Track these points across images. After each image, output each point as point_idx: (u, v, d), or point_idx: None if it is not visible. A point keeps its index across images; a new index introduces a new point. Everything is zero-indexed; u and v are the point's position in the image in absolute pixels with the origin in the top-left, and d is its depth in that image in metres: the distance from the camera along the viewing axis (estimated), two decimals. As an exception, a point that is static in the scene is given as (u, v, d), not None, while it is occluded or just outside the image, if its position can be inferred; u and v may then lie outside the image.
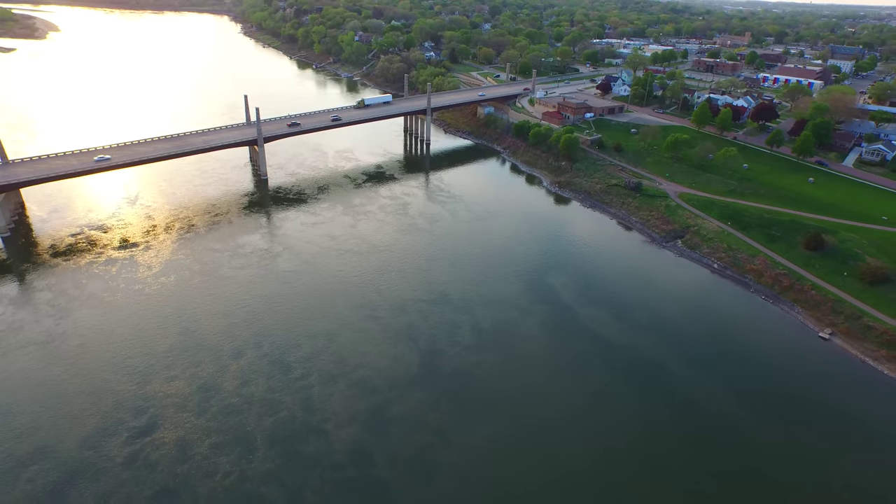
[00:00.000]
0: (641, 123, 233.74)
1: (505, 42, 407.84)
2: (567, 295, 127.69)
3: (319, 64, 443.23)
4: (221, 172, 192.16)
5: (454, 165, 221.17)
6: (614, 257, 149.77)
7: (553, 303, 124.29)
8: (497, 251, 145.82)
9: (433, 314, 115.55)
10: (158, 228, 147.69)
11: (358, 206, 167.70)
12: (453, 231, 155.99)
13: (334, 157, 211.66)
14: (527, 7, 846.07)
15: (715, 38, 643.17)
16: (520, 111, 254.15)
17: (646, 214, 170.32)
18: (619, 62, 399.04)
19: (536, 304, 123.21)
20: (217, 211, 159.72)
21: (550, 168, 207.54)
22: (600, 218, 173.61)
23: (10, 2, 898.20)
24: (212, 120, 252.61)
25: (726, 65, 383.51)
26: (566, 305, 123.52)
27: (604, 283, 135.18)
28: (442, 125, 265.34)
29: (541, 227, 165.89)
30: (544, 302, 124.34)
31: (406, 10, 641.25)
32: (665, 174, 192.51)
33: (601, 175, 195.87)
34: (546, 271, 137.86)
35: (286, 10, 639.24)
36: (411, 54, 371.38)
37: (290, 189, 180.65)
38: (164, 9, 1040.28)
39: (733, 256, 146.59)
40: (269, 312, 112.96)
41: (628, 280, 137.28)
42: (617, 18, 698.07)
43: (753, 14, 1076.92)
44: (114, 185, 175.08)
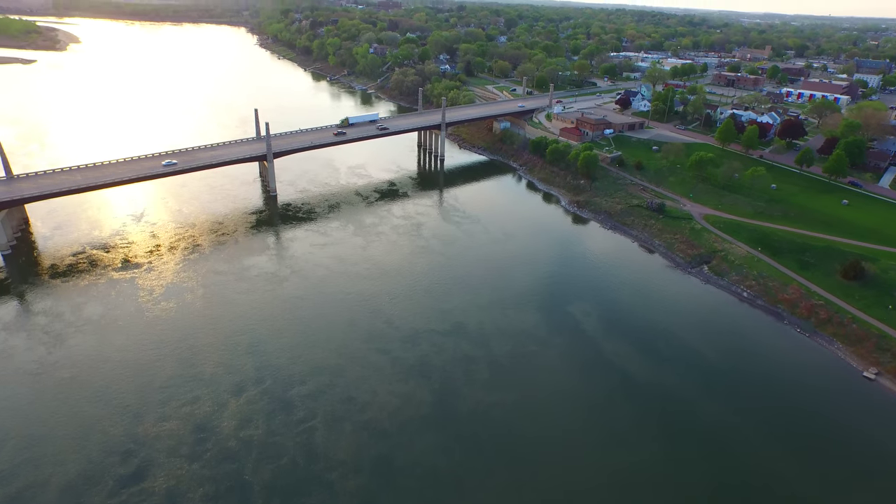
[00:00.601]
0: (663, 140, 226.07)
1: (521, 55, 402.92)
2: (588, 324, 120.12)
3: (334, 76, 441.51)
4: (230, 188, 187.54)
5: (469, 182, 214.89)
6: (637, 283, 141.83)
7: (574, 333, 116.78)
8: (514, 275, 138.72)
9: (447, 347, 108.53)
10: (162, 248, 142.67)
11: (369, 226, 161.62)
12: (468, 254, 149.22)
13: (346, 173, 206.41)
14: (542, 20, 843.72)
15: (734, 51, 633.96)
16: (537, 126, 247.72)
17: (669, 237, 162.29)
18: (638, 76, 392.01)
19: (556, 335, 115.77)
20: (223, 230, 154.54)
21: (569, 186, 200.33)
22: (621, 240, 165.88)
23: (37, 15, 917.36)
24: (223, 133, 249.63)
25: (748, 79, 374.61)
26: (588, 337, 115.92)
27: (626, 311, 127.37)
28: (457, 140, 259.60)
29: (559, 250, 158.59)
30: (564, 332, 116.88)
31: (421, 23, 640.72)
32: (689, 194, 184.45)
33: (622, 195, 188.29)
34: (565, 298, 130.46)
35: (302, 22, 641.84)
36: (426, 67, 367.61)
37: (300, 206, 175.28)
38: (183, 20, 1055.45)
39: (764, 284, 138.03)
40: (273, 342, 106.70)
41: (652, 308, 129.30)
42: (634, 31, 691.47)
43: (772, 27, 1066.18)
44: (120, 200, 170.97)
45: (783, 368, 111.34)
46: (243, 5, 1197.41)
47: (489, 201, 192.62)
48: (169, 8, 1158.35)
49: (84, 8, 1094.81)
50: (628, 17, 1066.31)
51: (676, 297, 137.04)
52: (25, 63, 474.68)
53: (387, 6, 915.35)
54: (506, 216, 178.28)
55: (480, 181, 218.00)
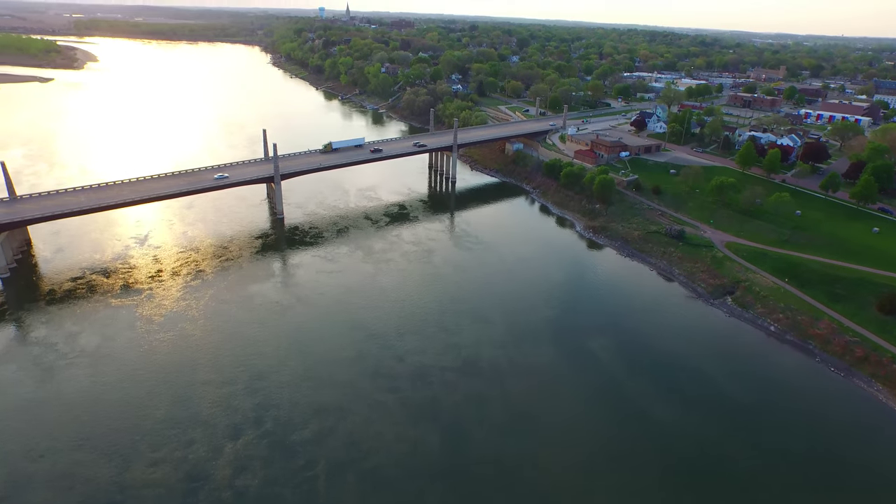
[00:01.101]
0: (681, 164, 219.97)
1: (534, 75, 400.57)
2: (607, 360, 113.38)
3: (345, 95, 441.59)
4: (236, 210, 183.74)
5: (481, 205, 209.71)
6: (657, 315, 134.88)
7: (592, 370, 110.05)
8: (529, 306, 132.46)
9: (459, 385, 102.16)
10: (164, 273, 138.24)
11: (379, 252, 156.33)
12: (481, 282, 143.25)
13: (356, 196, 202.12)
14: (554, 40, 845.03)
15: (748, 71, 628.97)
16: (551, 148, 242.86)
17: (690, 266, 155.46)
18: (652, 97, 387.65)
19: (574, 372, 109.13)
20: (228, 254, 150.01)
21: (584, 211, 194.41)
22: (639, 269, 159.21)
23: (59, 35, 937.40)
24: (233, 153, 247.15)
25: (764, 100, 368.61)
26: (607, 374, 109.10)
27: (647, 346, 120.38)
28: (468, 162, 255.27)
29: (575, 278, 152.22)
30: (582, 369, 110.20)
31: (434, 42, 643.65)
32: (709, 220, 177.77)
33: (639, 220, 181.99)
34: (583, 330, 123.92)
35: (315, 42, 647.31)
36: (438, 87, 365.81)
37: (308, 230, 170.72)
38: (199, 39, 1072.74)
39: (792, 318, 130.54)
40: (275, 378, 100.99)
41: (674, 342, 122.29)
42: (646, 51, 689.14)
43: (785, 47, 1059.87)
44: (124, 221, 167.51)
45: (816, 411, 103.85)
46: (258, 25, 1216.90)
47: (502, 226, 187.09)
48: (185, 27, 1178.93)
49: (103, 28, 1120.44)
50: (640, 37, 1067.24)
51: (699, 330, 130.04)
52: (43, 81, 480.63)
53: (399, 26, 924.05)
54: (519, 242, 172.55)
55: (493, 204, 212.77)
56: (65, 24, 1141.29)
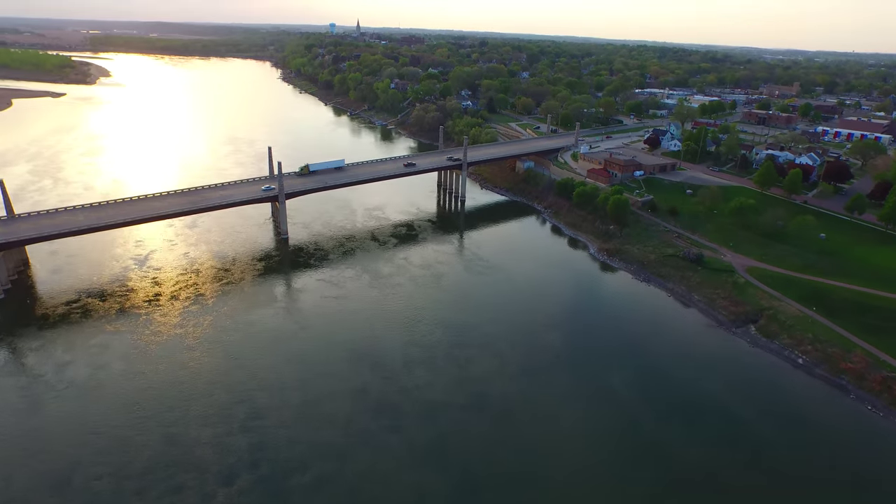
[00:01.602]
0: (697, 183, 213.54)
1: (544, 91, 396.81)
2: (625, 395, 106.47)
3: (354, 111, 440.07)
4: (240, 229, 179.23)
5: (491, 224, 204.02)
6: (677, 344, 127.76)
7: (610, 407, 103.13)
8: (541, 335, 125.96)
9: (468, 424, 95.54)
10: (163, 297, 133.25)
11: (386, 276, 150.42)
12: (492, 309, 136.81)
13: (363, 216, 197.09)
14: (564, 56, 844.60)
15: (761, 88, 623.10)
16: (562, 167, 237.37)
17: (710, 292, 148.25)
18: (664, 113, 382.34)
19: (591, 409, 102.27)
20: (229, 277, 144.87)
21: (597, 232, 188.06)
22: (656, 294, 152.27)
23: (74, 50, 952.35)
24: (239, 170, 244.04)
25: (780, 117, 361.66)
26: (627, 412, 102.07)
27: (667, 378, 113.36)
28: (478, 180, 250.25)
29: (589, 304, 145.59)
30: (600, 406, 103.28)
31: (443, 58, 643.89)
32: (729, 243, 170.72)
33: (655, 243, 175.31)
34: (599, 360, 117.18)
35: (325, 57, 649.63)
36: (447, 103, 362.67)
37: (313, 252, 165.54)
38: (211, 55, 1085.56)
39: (822, 350, 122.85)
40: (274, 415, 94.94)
41: (696, 374, 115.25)
42: (657, 68, 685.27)
43: (796, 63, 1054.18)
44: (124, 241, 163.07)
45: (854, 455, 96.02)
46: (269, 40, 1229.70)
47: (513, 248, 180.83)
48: (198, 43, 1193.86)
49: (118, 44, 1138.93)
50: (650, 53, 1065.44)
51: (722, 360, 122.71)
52: (55, 96, 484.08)
53: (409, 42, 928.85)
54: (531, 265, 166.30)
55: (503, 224, 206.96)
56: (81, 41, 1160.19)
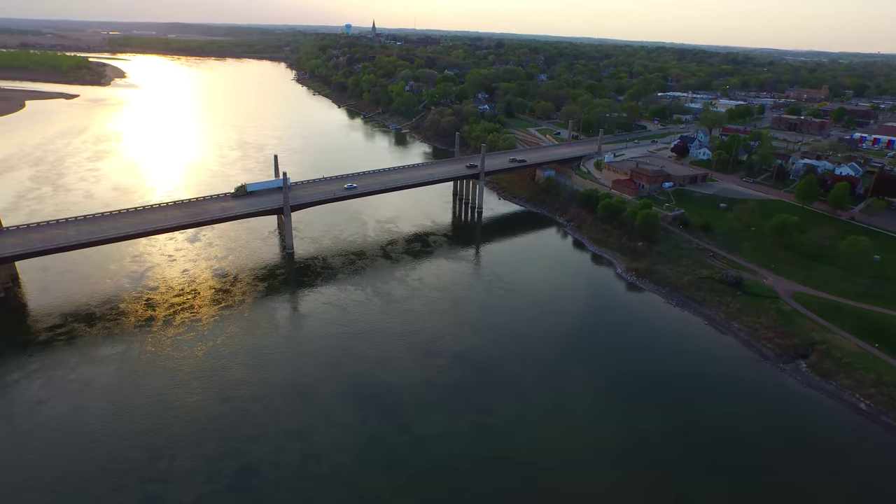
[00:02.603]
0: (731, 197, 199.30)
1: (564, 95, 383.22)
2: (662, 444, 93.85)
3: (368, 114, 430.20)
4: (244, 243, 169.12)
5: (510, 239, 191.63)
6: (718, 382, 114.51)
7: (649, 460, 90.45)
8: (569, 371, 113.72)
9: (489, 485, 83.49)
10: (156, 322, 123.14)
11: (398, 300, 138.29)
12: (514, 340, 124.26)
13: (374, 229, 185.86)
14: (582, 58, 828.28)
15: (787, 91, 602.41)
16: (585, 177, 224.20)
17: (752, 321, 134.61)
18: (689, 118, 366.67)
19: (626, 463, 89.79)
20: (229, 299, 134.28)
21: (624, 249, 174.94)
22: (691, 321, 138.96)
23: (93, 51, 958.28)
24: (246, 178, 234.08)
25: (812, 123, 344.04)
26: (667, 464, 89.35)
27: (710, 424, 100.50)
28: (496, 189, 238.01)
29: (619, 333, 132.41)
30: (636, 459, 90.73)
31: (459, 60, 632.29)
32: (770, 265, 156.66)
33: (688, 262, 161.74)
34: (633, 402, 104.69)
35: (339, 59, 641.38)
36: (464, 107, 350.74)
37: (320, 271, 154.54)
38: (227, 56, 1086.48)
39: (889, 395, 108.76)
40: (268, 473, 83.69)
41: (742, 419, 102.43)
42: (679, 70, 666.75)
43: (820, 65, 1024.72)
44: (119, 256, 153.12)
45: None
46: (285, 42, 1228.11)
47: (534, 266, 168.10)
48: (214, 44, 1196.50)
49: (136, 45, 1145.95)
50: (669, 54, 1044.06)
51: (769, 402, 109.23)
52: (68, 98, 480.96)
53: (425, 43, 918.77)
54: (553, 286, 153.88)
55: (522, 237, 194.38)
56: (100, 42, 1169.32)
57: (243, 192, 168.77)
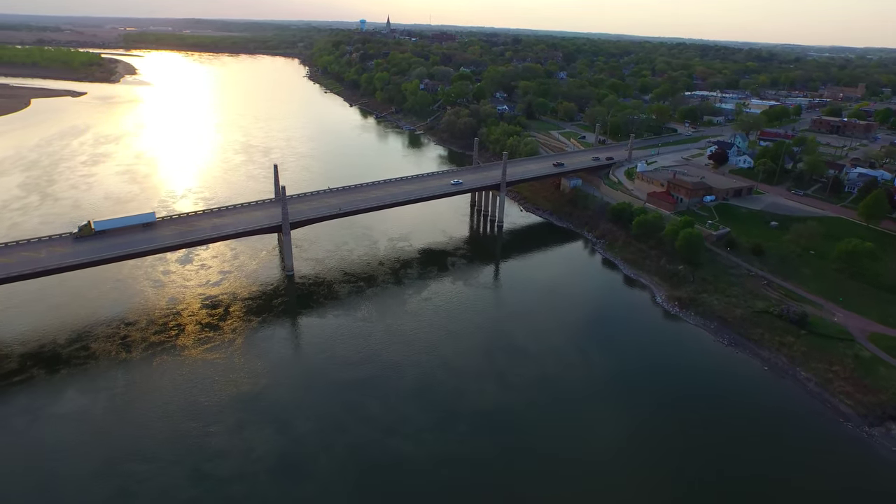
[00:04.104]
0: (782, 213, 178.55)
1: (587, 95, 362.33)
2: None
3: (380, 113, 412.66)
4: (240, 262, 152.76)
5: (533, 258, 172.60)
6: (789, 448, 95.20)
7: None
8: (605, 427, 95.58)
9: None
10: (133, 355, 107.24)
11: (411, 339, 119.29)
12: (547, 394, 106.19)
13: (385, 247, 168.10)
14: (602, 54, 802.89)
15: (820, 90, 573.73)
16: (616, 187, 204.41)
17: (822, 368, 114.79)
18: (721, 120, 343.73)
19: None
20: (217, 337, 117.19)
21: (663, 273, 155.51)
22: (745, 364, 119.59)
23: (108, 48, 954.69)
24: (250, 184, 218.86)
25: (856, 125, 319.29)
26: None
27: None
28: (517, 199, 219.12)
29: (664, 380, 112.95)
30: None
31: (476, 57, 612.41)
32: (836, 297, 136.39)
33: (738, 292, 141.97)
34: (689, 474, 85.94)
35: (352, 55, 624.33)
36: (481, 107, 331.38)
37: (323, 300, 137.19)
38: (240, 52, 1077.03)
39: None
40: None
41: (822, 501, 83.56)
42: (703, 68, 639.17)
43: (849, 62, 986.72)
44: (100, 279, 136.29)
45: None
46: (299, 37, 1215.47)
47: (562, 293, 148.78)
48: (227, 40, 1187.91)
49: (150, 41, 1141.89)
50: (691, 51, 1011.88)
51: (858, 479, 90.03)
52: (75, 96, 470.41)
53: (440, 39, 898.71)
54: (588, 320, 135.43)
55: (547, 257, 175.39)
56: (116, 38, 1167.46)
57: (89, 233, 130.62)
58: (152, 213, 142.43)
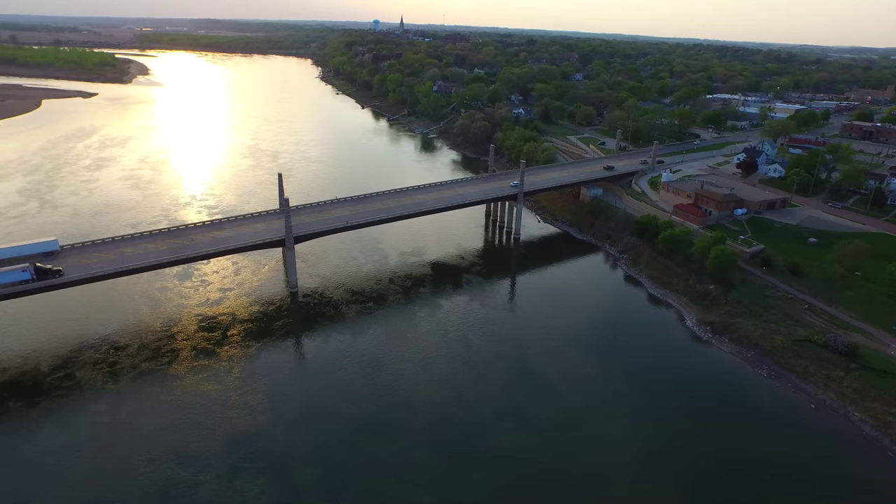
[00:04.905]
0: (820, 228, 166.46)
1: (605, 98, 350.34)
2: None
3: (393, 116, 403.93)
4: (242, 278, 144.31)
5: (552, 274, 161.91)
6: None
7: None
8: (645, 477, 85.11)
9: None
10: (120, 385, 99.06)
11: (421, 366, 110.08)
12: (569, 433, 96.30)
13: (396, 262, 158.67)
14: (618, 56, 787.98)
15: (846, 92, 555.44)
16: (639, 198, 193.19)
17: (879, 409, 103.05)
18: (745, 125, 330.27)
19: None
20: (213, 366, 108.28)
21: (692, 294, 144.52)
22: (789, 400, 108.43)
23: (123, 48, 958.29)
24: (256, 190, 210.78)
25: (892, 130, 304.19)
26: None
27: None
28: (535, 209, 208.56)
29: (700, 413, 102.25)
30: None
31: (490, 58, 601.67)
32: (890, 326, 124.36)
33: (776, 316, 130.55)
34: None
35: (364, 56, 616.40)
36: (496, 110, 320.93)
37: (328, 318, 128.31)
38: (254, 52, 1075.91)
39: None
40: None
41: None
42: (723, 69, 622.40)
43: (872, 63, 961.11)
44: (88, 298, 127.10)
45: None
46: (312, 37, 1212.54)
47: (583, 314, 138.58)
48: (241, 40, 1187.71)
49: (164, 41, 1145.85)
50: (708, 52, 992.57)
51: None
52: (86, 96, 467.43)
53: (454, 40, 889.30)
54: (610, 345, 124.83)
55: (567, 272, 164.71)
56: (131, 38, 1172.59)
57: None
58: (54, 241, 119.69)
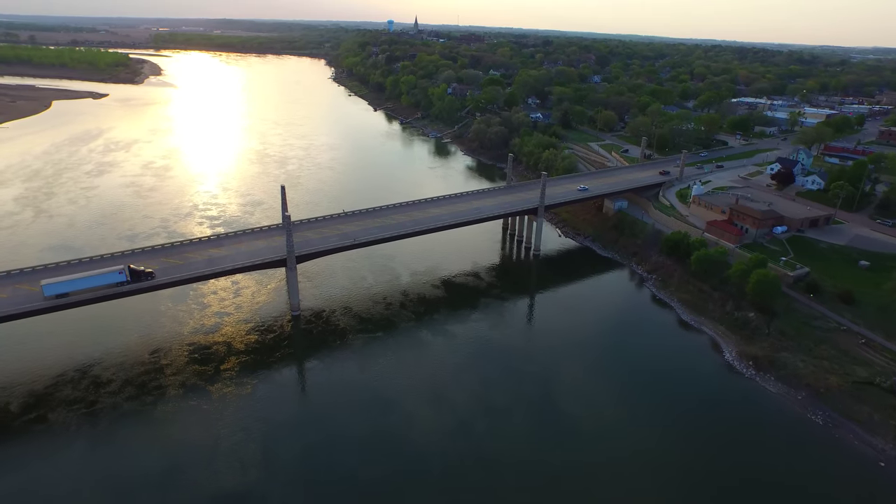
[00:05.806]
0: (874, 250, 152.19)
1: (626, 102, 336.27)
2: None
3: (406, 119, 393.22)
4: (241, 299, 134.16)
5: (574, 295, 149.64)
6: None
7: None
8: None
9: None
10: (97, 430, 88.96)
11: (436, 411, 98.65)
12: (601, 490, 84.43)
13: (408, 283, 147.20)
14: (636, 57, 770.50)
15: (876, 95, 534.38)
16: (668, 212, 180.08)
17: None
18: (774, 131, 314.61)
19: None
20: (202, 403, 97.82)
21: (731, 323, 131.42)
22: (853, 454, 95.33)
23: (139, 48, 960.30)
24: (261, 198, 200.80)
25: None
26: None
27: None
28: (555, 222, 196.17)
29: (746, 467, 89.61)
30: None
31: (506, 59, 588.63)
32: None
33: (830, 352, 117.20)
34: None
35: (378, 56, 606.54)
36: (513, 115, 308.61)
37: (332, 347, 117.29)
38: (267, 52, 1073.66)
39: None
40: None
41: None
42: (745, 72, 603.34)
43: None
44: (74, 319, 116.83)
45: None
46: (326, 38, 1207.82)
47: (610, 342, 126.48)
48: (255, 40, 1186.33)
49: (179, 41, 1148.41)
50: (728, 53, 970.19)
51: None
52: (97, 97, 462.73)
53: (469, 40, 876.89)
54: (643, 380, 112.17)
55: (590, 292, 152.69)
56: (147, 39, 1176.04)
57: None
58: None
